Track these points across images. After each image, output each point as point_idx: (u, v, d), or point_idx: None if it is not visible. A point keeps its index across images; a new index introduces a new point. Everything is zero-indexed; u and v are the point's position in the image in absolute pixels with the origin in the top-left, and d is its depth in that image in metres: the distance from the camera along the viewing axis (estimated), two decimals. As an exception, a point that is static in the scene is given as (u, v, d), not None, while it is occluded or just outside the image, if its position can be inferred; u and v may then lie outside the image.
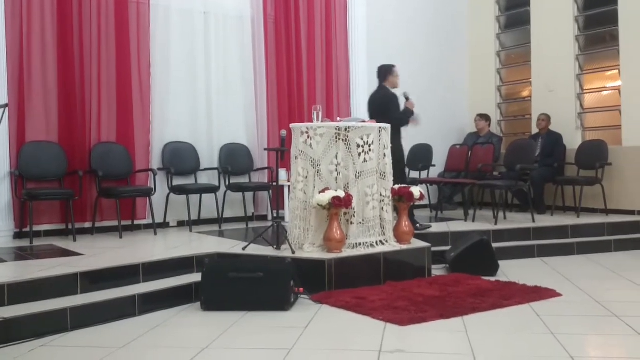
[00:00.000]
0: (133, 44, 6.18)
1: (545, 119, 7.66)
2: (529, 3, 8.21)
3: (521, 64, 8.52)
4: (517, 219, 6.66)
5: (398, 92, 5.91)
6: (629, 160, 7.01)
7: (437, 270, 4.99)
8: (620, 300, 4.00)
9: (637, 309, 3.76)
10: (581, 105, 7.75)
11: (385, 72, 5.95)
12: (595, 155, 7.06)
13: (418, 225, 5.65)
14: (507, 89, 8.74)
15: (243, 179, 6.79)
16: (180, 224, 6.44)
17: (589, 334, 3.36)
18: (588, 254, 5.88)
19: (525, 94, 8.56)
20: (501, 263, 5.06)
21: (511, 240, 5.89)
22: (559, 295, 4.13)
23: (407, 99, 5.90)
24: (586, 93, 7.76)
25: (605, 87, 7.71)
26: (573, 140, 7.58)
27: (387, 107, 5.71)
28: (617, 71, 7.33)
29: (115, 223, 5.72)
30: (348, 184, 4.61)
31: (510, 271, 4.99)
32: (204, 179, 6.60)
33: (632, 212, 6.92)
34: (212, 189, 6.30)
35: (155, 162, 6.34)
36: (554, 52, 7.86)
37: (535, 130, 7.87)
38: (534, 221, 6.36)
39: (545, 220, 6.55)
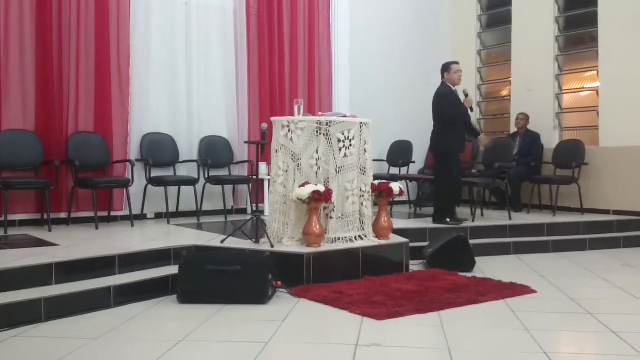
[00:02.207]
0: (113, 34, 6.09)
1: (524, 118, 7.75)
2: (511, 3, 8.28)
3: (501, 63, 8.60)
4: (494, 216, 6.73)
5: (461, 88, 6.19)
6: (605, 161, 7.13)
7: (415, 266, 5.03)
8: (594, 297, 4.06)
9: (610, 306, 3.83)
10: (559, 105, 7.85)
11: (444, 69, 6.17)
12: (572, 154, 7.16)
13: (448, 220, 5.91)
14: (487, 88, 8.82)
15: (223, 172, 6.75)
16: (158, 216, 6.39)
17: (563, 331, 3.40)
18: (563, 252, 5.97)
19: (504, 93, 8.65)
20: (478, 259, 5.11)
21: (488, 237, 5.95)
22: (533, 291, 4.18)
23: (466, 95, 6.03)
24: (564, 93, 7.86)
25: (583, 88, 7.82)
26: (550, 140, 7.68)
27: (440, 104, 6.03)
28: (595, 72, 7.43)
29: (91, 214, 5.65)
30: (328, 178, 4.61)
31: (487, 267, 5.04)
32: (183, 171, 6.55)
33: (607, 212, 7.05)
34: (191, 182, 6.25)
35: (134, 153, 6.27)
36: (534, 52, 7.94)
37: (513, 129, 7.95)
38: (510, 219, 6.44)
39: (522, 218, 6.63)
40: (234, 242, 4.62)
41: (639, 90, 6.85)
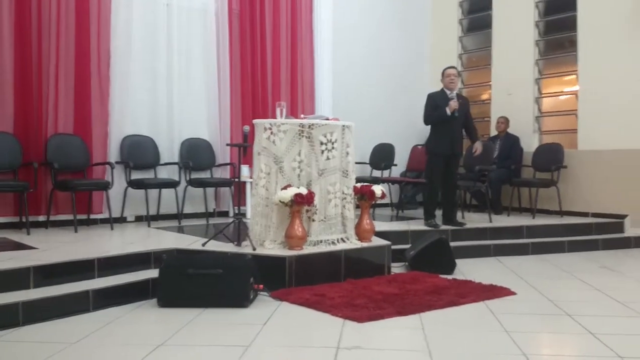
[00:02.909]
0: (93, 34, 6.03)
1: (504, 121, 7.82)
2: (491, 7, 8.36)
3: (482, 66, 8.68)
4: (475, 218, 6.78)
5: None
6: (584, 164, 7.23)
7: (397, 268, 5.05)
8: (573, 299, 4.11)
9: (589, 308, 3.88)
10: (539, 109, 7.94)
11: (442, 75, 6.23)
12: (551, 158, 7.25)
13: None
14: (467, 92, 8.89)
15: (204, 175, 6.72)
16: (138, 219, 6.34)
17: (542, 332, 3.44)
18: (542, 254, 6.04)
19: (485, 96, 8.72)
20: (458, 262, 5.15)
21: (468, 239, 6.00)
22: (513, 293, 4.22)
23: (451, 99, 6.04)
24: (544, 97, 7.96)
25: (562, 92, 7.92)
26: (530, 143, 7.77)
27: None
28: (574, 76, 7.53)
29: (70, 217, 5.58)
30: (310, 181, 4.61)
31: (467, 269, 5.08)
32: (163, 173, 6.51)
33: (585, 214, 7.14)
34: (172, 184, 6.21)
35: (114, 155, 6.21)
36: (514, 55, 8.03)
37: (494, 132, 8.02)
38: (490, 221, 6.50)
39: (502, 221, 6.69)
40: (215, 245, 4.60)
41: (617, 94, 6.96)
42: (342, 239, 4.75)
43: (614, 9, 7.02)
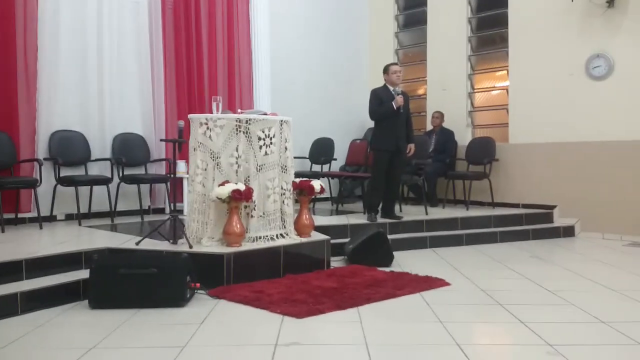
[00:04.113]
0: (19, 27, 5.76)
1: (439, 116, 8.00)
2: (426, 3, 8.52)
3: (417, 62, 8.84)
4: (412, 211, 6.90)
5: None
6: (515, 157, 7.49)
7: (336, 262, 5.08)
8: (504, 289, 4.24)
9: (520, 297, 4.01)
10: (472, 104, 8.16)
11: (384, 71, 6.27)
12: (483, 151, 7.48)
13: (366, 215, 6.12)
14: (404, 87, 9.00)
15: (138, 171, 6.54)
16: (69, 217, 6.11)
17: (475, 322, 3.53)
18: (476, 244, 6.22)
19: (420, 91, 8.89)
20: (396, 254, 5.24)
21: (406, 232, 6.11)
22: (448, 284, 4.33)
23: (397, 94, 6.08)
24: (476, 92, 8.18)
25: (494, 87, 8.17)
26: (464, 137, 7.98)
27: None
28: (505, 72, 7.78)
29: (-4, 216, 5.32)
30: (249, 177, 4.56)
31: (405, 262, 5.17)
32: (95, 170, 6.29)
33: (516, 205, 7.41)
34: (104, 181, 6.01)
35: (42, 151, 5.96)
36: (448, 51, 8.21)
37: (429, 126, 8.19)
38: (427, 214, 6.64)
39: (437, 213, 6.85)
40: (150, 244, 4.48)
41: (546, 90, 7.24)
42: (281, 234, 4.73)
43: (544, 6, 7.28)
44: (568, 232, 6.84)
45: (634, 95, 6.53)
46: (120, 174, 6.25)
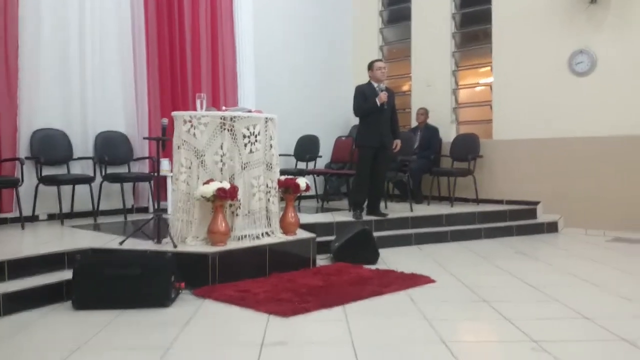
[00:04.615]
0: (-1, 24, 5.67)
1: (424, 112, 8.02)
2: (410, -1, 8.53)
3: (402, 58, 8.85)
4: (397, 208, 6.92)
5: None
6: (499, 153, 7.53)
7: (322, 260, 5.07)
8: (489, 285, 4.27)
9: (504, 293, 4.04)
10: (456, 100, 8.19)
11: (368, 67, 6.26)
12: (467, 148, 7.51)
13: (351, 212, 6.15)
14: (388, 83, 9.00)
15: (121, 169, 6.48)
16: (51, 217, 6.03)
17: (460, 319, 3.54)
18: (460, 241, 6.26)
19: (405, 88, 8.90)
20: (381, 251, 5.25)
21: (391, 229, 6.12)
22: (433, 281, 4.34)
23: (381, 90, 6.07)
24: (461, 88, 8.21)
25: (478, 83, 8.21)
26: (448, 134, 8.01)
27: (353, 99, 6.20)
28: (489, 68, 7.81)
29: (-23, 216, 5.24)
30: (233, 175, 4.53)
31: (390, 259, 5.18)
32: (77, 168, 6.22)
33: (500, 202, 7.46)
34: (87, 180, 5.95)
35: (23, 150, 5.87)
36: (432, 48, 8.23)
37: (414, 123, 8.21)
38: (412, 210, 6.66)
39: (422, 210, 6.87)
40: (133, 244, 4.43)
41: (529, 86, 7.28)
42: (266, 233, 4.71)
43: (527, 3, 7.32)
44: (551, 228, 6.90)
45: (616, 91, 6.60)
46: (103, 173, 6.19)
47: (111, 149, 6.36)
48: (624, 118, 6.53)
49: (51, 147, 5.98)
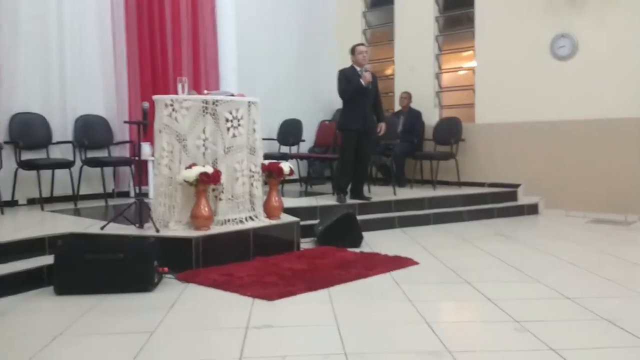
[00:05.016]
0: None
1: (407, 96, 8.02)
2: (393, -17, 8.47)
3: (385, 42, 8.81)
4: (380, 192, 6.94)
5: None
6: (481, 136, 7.57)
7: (306, 244, 5.07)
8: (471, 267, 4.31)
9: (486, 275, 4.08)
10: (439, 84, 8.20)
11: (351, 52, 6.25)
12: (450, 131, 7.54)
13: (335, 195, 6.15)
14: (372, 67, 8.97)
15: (101, 153, 6.40)
16: (31, 202, 5.94)
17: (443, 300, 3.58)
18: (443, 223, 6.30)
19: (389, 72, 8.88)
20: (365, 234, 5.26)
21: (375, 212, 6.14)
22: (416, 263, 4.38)
23: (365, 71, 6.06)
24: (444, 72, 8.22)
25: (461, 67, 8.21)
26: (431, 118, 8.03)
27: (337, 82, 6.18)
28: (472, 52, 7.82)
29: (-46, 202, 5.14)
30: (216, 159, 4.50)
31: (374, 242, 5.20)
32: (57, 153, 6.12)
33: (482, 184, 7.51)
34: (66, 164, 5.86)
35: (2, 134, 5.76)
36: (416, 31, 8.21)
37: (398, 107, 8.21)
38: (395, 194, 6.68)
39: (406, 193, 6.89)
40: (115, 228, 4.39)
41: (511, 70, 7.31)
42: (250, 217, 4.69)
43: (508, -13, 7.32)
44: (532, 210, 6.98)
45: (597, 74, 6.65)
46: (83, 157, 6.10)
47: (91, 132, 6.27)
48: (604, 101, 6.59)
49: (30, 131, 5.88)
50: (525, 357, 2.58)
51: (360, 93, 6.01)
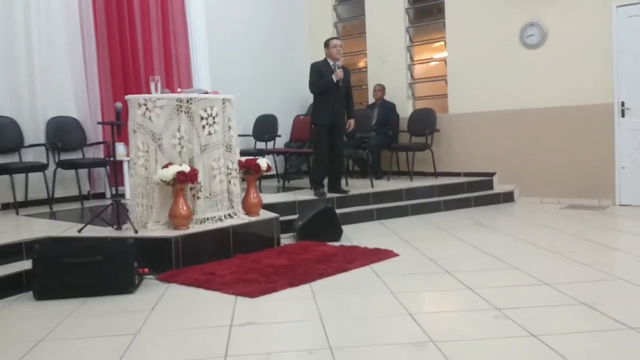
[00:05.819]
0: None
1: (381, 89, 8.05)
2: (364, -24, 8.48)
3: (356, 35, 8.83)
4: (358, 185, 6.97)
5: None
6: (455, 126, 7.65)
7: (286, 239, 5.08)
8: (450, 256, 4.36)
9: (464, 264, 4.14)
10: (412, 76, 8.25)
11: (325, 45, 6.21)
12: (424, 122, 7.60)
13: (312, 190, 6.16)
14: (344, 60, 9.00)
15: (75, 155, 6.30)
16: (5, 206, 5.84)
17: (424, 291, 3.62)
18: (421, 214, 6.37)
19: (361, 64, 8.91)
20: (345, 228, 5.29)
21: (353, 205, 6.17)
22: (396, 255, 4.41)
23: (338, 67, 6.06)
24: (416, 64, 8.27)
25: (432, 58, 8.27)
26: (405, 109, 8.08)
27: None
28: (443, 43, 7.88)
29: None
30: (193, 158, 4.47)
31: (353, 235, 5.23)
32: (29, 156, 6.01)
33: (458, 174, 7.60)
34: (40, 167, 5.77)
35: (-30, 139, 5.64)
36: (386, 24, 8.24)
37: (372, 99, 8.24)
38: (372, 186, 6.72)
39: (383, 185, 6.94)
40: (92, 231, 4.35)
41: (482, 60, 7.39)
42: (229, 214, 4.68)
43: (477, -22, 7.39)
44: (508, 197, 7.09)
45: (566, 62, 6.76)
46: (57, 160, 6.01)
47: (64, 134, 6.17)
48: (574, 88, 6.71)
49: (1, 136, 5.77)
50: (507, 344, 2.62)
51: (331, 88, 6.02)
